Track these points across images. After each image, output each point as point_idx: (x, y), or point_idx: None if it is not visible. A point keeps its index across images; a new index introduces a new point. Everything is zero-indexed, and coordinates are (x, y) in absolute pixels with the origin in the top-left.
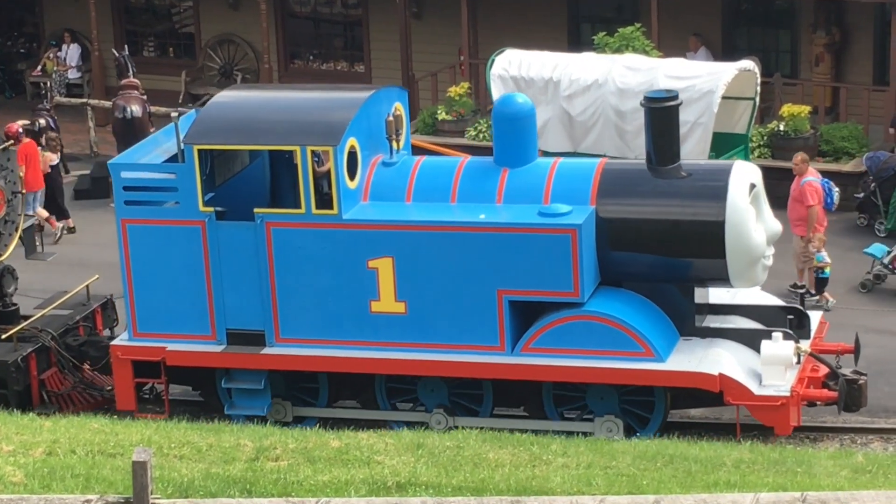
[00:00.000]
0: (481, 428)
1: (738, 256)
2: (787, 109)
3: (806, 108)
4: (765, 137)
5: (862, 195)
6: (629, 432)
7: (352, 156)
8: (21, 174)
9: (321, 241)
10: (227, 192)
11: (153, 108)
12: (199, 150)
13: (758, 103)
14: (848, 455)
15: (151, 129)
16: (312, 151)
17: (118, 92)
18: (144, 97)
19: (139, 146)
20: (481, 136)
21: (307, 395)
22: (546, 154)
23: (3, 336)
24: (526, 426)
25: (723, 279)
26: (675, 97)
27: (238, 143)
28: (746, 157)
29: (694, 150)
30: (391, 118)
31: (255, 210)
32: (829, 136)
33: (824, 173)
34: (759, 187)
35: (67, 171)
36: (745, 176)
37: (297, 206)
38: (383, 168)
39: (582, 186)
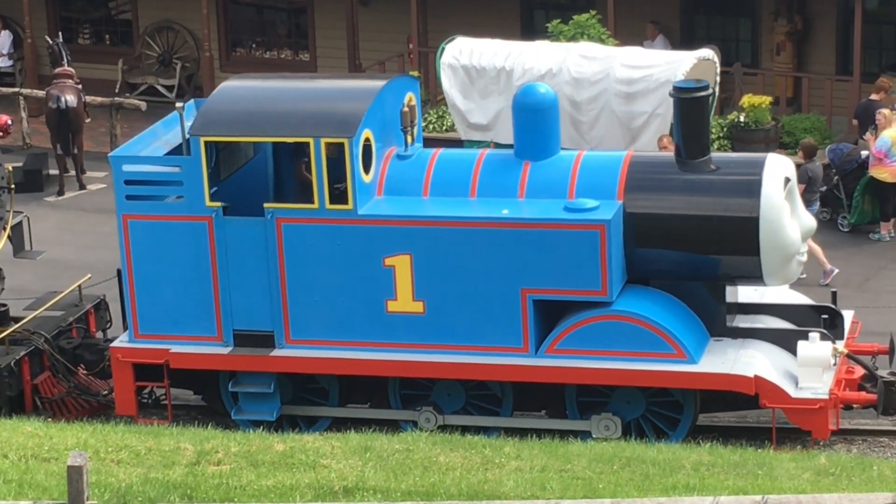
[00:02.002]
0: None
1: (772, 254)
2: (747, 100)
3: (767, 99)
4: (725, 129)
5: (824, 188)
6: (652, 438)
7: (366, 148)
8: (9, 168)
9: (335, 238)
10: (231, 186)
11: (89, 98)
12: (206, 142)
13: (717, 93)
14: (810, 457)
15: (87, 120)
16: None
17: (52, 81)
18: (80, 86)
19: (138, 138)
20: (431, 126)
21: (316, 398)
22: (498, 146)
23: None
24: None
25: (756, 277)
26: (706, 87)
27: (247, 134)
28: None
29: (651, 142)
30: (406, 109)
31: (266, 205)
32: (791, 127)
33: None
34: (793, 181)
35: None
36: (779, 169)
37: (304, 200)
38: (398, 161)
39: (608, 180)
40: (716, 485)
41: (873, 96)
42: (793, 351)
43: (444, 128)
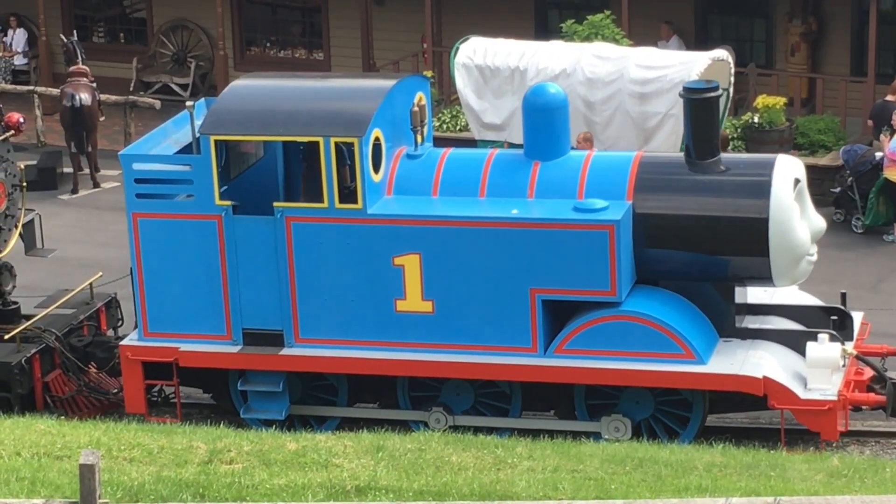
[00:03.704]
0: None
1: (781, 255)
2: (761, 101)
3: (781, 100)
4: (739, 130)
5: (838, 190)
6: (660, 438)
7: (376, 148)
8: (21, 166)
9: (344, 237)
10: (241, 185)
11: (103, 96)
12: (216, 141)
13: (731, 94)
14: (823, 458)
15: (101, 118)
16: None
17: (66, 79)
18: (94, 85)
19: (148, 137)
20: (444, 126)
21: (325, 398)
22: (512, 146)
23: (6, 336)
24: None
25: (765, 278)
26: (716, 88)
27: (257, 133)
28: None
29: (665, 142)
30: (416, 108)
31: (275, 204)
32: (805, 128)
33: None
34: (803, 182)
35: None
36: (788, 170)
37: (314, 199)
38: (408, 160)
39: (618, 180)
40: (728, 486)
41: (889, 97)
42: (802, 352)
43: (458, 127)
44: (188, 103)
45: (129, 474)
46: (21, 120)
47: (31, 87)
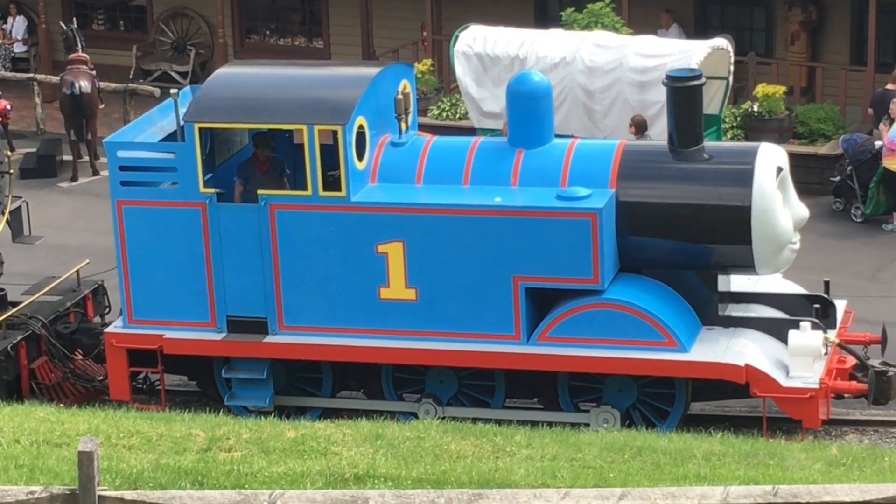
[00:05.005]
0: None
1: (764, 243)
2: (761, 89)
3: (781, 89)
4: (738, 118)
5: (838, 179)
6: (648, 425)
7: (360, 135)
8: (8, 153)
9: (328, 225)
10: (226, 172)
11: (102, 84)
12: (200, 129)
13: (731, 83)
14: (822, 447)
15: (101, 106)
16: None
17: (66, 67)
18: (93, 72)
19: (133, 124)
20: (444, 114)
21: (309, 386)
22: None
23: None
24: (520, 417)
25: (748, 266)
26: (699, 76)
27: (241, 121)
28: (719, 139)
29: (665, 131)
30: (401, 96)
31: (259, 192)
32: (805, 117)
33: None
34: (786, 171)
35: (13, 149)
36: (771, 159)
37: (302, 187)
38: (392, 148)
39: (601, 168)
40: (727, 475)
41: (889, 86)
42: (784, 340)
43: (458, 116)
44: (172, 91)
45: (127, 462)
46: (8, 107)
47: (30, 75)
